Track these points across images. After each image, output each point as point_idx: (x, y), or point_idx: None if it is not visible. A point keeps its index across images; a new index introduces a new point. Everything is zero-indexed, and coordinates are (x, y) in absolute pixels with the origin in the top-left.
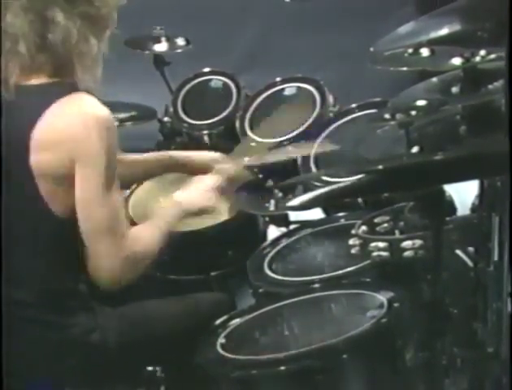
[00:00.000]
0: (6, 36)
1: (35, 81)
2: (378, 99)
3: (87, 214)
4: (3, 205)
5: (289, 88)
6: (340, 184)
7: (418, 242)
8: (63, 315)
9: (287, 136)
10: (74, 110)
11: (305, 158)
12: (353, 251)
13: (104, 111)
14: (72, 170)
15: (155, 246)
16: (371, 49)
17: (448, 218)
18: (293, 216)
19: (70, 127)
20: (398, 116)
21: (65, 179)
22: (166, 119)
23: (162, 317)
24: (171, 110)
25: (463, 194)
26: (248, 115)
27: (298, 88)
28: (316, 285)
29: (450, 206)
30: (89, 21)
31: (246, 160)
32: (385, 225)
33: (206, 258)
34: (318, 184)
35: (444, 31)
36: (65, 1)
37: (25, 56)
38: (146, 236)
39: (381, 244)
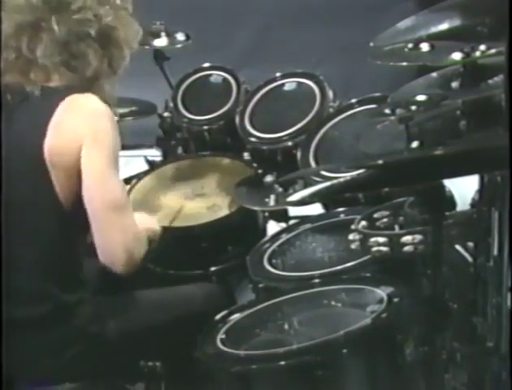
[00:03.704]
0: (34, 66)
1: (51, 83)
2: (378, 94)
3: (99, 192)
4: (4, 201)
5: (289, 84)
6: (340, 179)
7: (417, 237)
8: (64, 306)
9: (287, 132)
10: (81, 105)
11: (305, 153)
12: (352, 246)
13: (106, 106)
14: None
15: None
16: (371, 44)
17: (447, 213)
18: (293, 211)
19: (79, 119)
20: (398, 111)
21: (73, 168)
22: (166, 114)
23: (158, 307)
24: (171, 105)
25: (463, 189)
26: (248, 111)
27: (298, 83)
28: (316, 280)
29: (450, 201)
30: (114, 61)
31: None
32: (385, 220)
33: (206, 253)
34: (317, 179)
35: (444, 26)
36: (99, 42)
37: (50, 78)
38: (145, 223)
39: (381, 240)
